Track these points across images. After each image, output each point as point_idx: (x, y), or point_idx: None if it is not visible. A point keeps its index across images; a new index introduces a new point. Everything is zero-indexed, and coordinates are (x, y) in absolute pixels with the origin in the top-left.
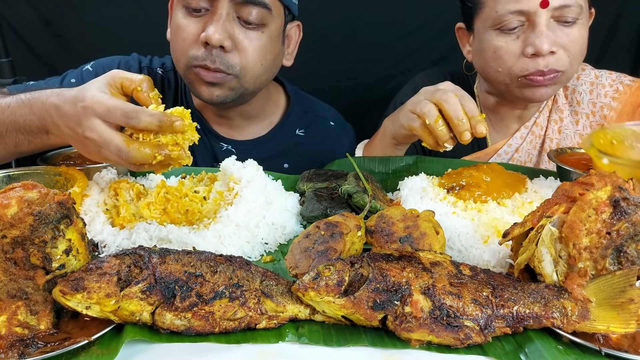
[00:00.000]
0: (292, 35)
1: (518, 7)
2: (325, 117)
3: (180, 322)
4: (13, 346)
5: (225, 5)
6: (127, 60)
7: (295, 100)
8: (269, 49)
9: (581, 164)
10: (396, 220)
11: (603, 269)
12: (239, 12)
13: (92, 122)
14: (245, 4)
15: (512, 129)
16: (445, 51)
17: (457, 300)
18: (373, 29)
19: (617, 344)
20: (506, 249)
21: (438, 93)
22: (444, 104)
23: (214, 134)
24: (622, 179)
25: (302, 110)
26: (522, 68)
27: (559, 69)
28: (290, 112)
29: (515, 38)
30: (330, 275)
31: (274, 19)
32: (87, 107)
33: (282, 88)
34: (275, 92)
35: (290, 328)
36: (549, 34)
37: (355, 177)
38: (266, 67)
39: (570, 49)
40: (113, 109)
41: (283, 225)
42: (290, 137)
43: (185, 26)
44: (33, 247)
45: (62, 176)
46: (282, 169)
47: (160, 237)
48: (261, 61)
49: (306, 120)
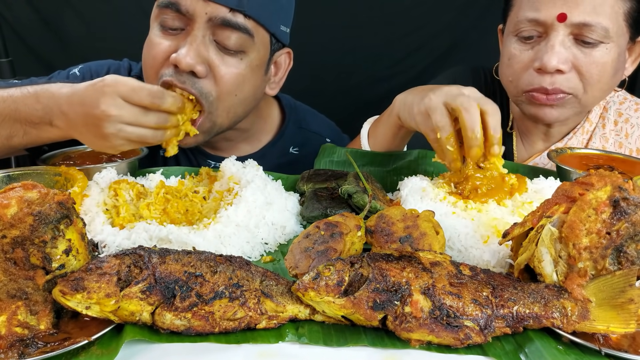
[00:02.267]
0: (281, 63)
1: (535, 16)
2: (321, 133)
3: (180, 322)
4: (13, 346)
5: (202, 27)
6: (117, 67)
7: (291, 116)
8: (247, 78)
9: (581, 164)
10: (396, 220)
11: (603, 269)
12: (216, 35)
13: (114, 99)
14: (224, 27)
15: (538, 145)
16: (445, 51)
17: (457, 300)
18: (372, 28)
19: (617, 344)
20: (506, 249)
21: (460, 99)
22: (463, 111)
23: (201, 152)
24: (622, 179)
25: (296, 127)
26: (527, 82)
27: (567, 90)
28: (285, 130)
29: (530, 48)
30: (330, 275)
31: (255, 46)
32: (109, 85)
33: (277, 103)
34: (266, 108)
35: (290, 328)
36: (561, 51)
37: (355, 177)
38: (241, 99)
39: (585, 72)
40: (139, 89)
41: (283, 225)
42: (282, 155)
43: (158, 44)
44: (33, 247)
45: (62, 176)
46: None
47: (160, 237)
48: (235, 91)
49: (300, 137)
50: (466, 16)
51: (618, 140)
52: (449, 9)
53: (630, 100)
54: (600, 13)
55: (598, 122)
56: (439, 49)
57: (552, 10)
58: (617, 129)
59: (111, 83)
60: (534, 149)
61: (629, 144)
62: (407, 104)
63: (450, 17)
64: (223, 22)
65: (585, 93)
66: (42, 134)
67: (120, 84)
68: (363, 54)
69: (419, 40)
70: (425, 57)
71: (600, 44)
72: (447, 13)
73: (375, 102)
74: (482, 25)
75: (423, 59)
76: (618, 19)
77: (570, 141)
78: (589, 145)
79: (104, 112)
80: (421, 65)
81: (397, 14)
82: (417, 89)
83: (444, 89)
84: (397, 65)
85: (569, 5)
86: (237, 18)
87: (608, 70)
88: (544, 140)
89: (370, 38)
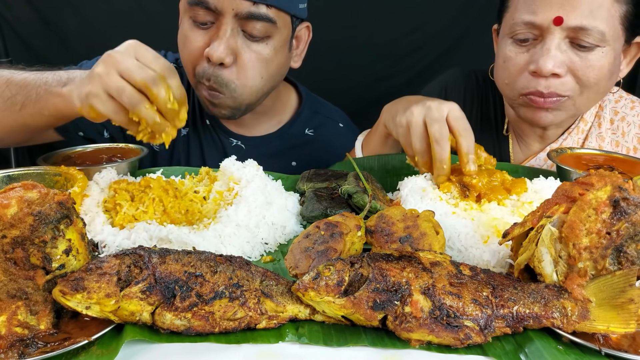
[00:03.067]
0: (302, 37)
1: (531, 19)
2: (335, 118)
3: (180, 322)
4: (13, 346)
5: (230, 21)
6: None
7: (307, 101)
8: (271, 60)
9: (581, 164)
10: (396, 220)
11: (603, 269)
12: (243, 26)
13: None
14: (249, 19)
15: (534, 147)
16: (445, 51)
17: (457, 300)
18: (372, 28)
19: (617, 344)
20: (506, 249)
21: (435, 127)
22: (434, 143)
23: (224, 130)
24: (622, 179)
25: (312, 111)
26: (523, 85)
27: (562, 93)
28: (301, 112)
29: (525, 51)
30: (330, 275)
31: (279, 30)
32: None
33: (293, 88)
34: (285, 92)
35: (290, 328)
36: (557, 55)
37: (355, 177)
38: (267, 79)
39: (581, 76)
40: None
41: (283, 225)
42: (299, 136)
43: (193, 39)
44: (33, 247)
45: (62, 176)
46: (290, 167)
47: (160, 237)
48: (261, 74)
49: (316, 120)
50: (466, 16)
51: (615, 139)
52: (449, 9)
53: (625, 98)
54: (597, 17)
55: (594, 121)
56: (439, 49)
57: (548, 13)
58: (613, 128)
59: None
60: (530, 150)
61: (625, 142)
62: (392, 113)
63: (450, 17)
64: (248, 15)
65: (581, 96)
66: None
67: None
68: (363, 54)
69: (419, 40)
70: (425, 57)
71: (597, 47)
72: (447, 13)
73: (376, 102)
74: (482, 25)
75: (423, 59)
76: (614, 23)
77: (566, 141)
78: (585, 144)
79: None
80: (421, 65)
81: (397, 14)
82: (404, 99)
83: (426, 104)
84: (397, 65)
85: (566, 8)
86: (260, 10)
87: (604, 73)
88: (539, 142)
89: (370, 38)
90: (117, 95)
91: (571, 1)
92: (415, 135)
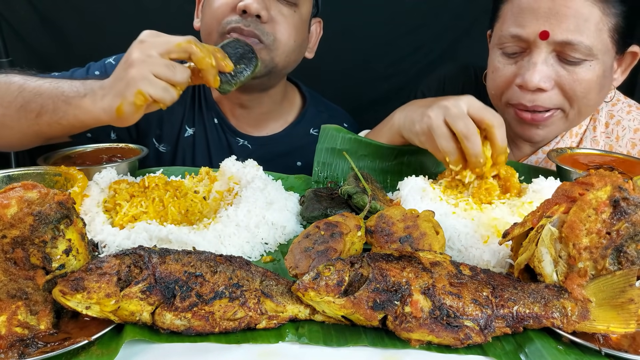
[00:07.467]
0: (314, 31)
1: (518, 32)
2: (339, 118)
3: (180, 322)
4: (13, 346)
5: None
6: None
7: (311, 101)
8: (299, 28)
9: (581, 164)
10: (396, 220)
11: (603, 269)
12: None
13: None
14: None
15: (525, 149)
16: (445, 50)
17: (457, 300)
18: (373, 27)
19: (617, 344)
20: (506, 249)
21: (460, 124)
22: (465, 140)
23: (231, 129)
24: (622, 179)
25: (317, 111)
26: (508, 97)
27: (548, 107)
28: (306, 112)
29: (513, 63)
30: (330, 275)
31: (305, 1)
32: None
33: (297, 89)
34: (291, 92)
35: (290, 328)
36: (543, 69)
37: (355, 178)
38: (296, 46)
39: (569, 90)
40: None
41: (283, 225)
42: (304, 136)
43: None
44: (33, 247)
45: (62, 176)
46: (296, 166)
47: (160, 237)
48: (294, 38)
49: (320, 120)
50: (466, 16)
51: (608, 143)
52: (449, 9)
53: (622, 102)
54: (584, 31)
55: (589, 125)
56: (439, 49)
57: (535, 27)
58: (607, 132)
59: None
60: (522, 152)
61: (619, 147)
62: (408, 121)
63: (450, 17)
64: None
65: (572, 110)
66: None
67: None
68: (363, 54)
69: (419, 40)
70: (425, 57)
71: (584, 61)
72: (447, 13)
73: (376, 102)
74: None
75: (423, 58)
76: (602, 36)
77: (558, 145)
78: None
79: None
80: (421, 65)
81: (397, 14)
82: (414, 103)
83: (442, 104)
84: (397, 64)
85: (552, 22)
86: None
87: (593, 87)
88: (531, 145)
89: (370, 38)
90: (167, 71)
91: (558, 15)
92: (439, 137)
